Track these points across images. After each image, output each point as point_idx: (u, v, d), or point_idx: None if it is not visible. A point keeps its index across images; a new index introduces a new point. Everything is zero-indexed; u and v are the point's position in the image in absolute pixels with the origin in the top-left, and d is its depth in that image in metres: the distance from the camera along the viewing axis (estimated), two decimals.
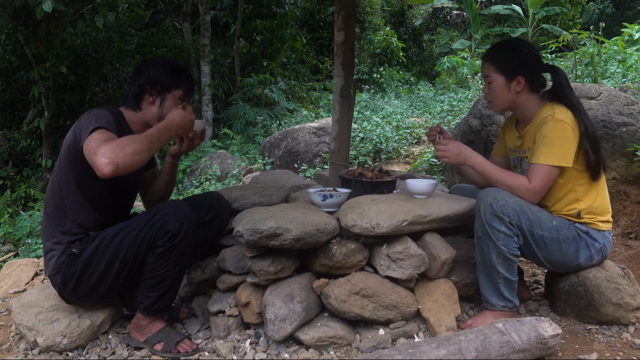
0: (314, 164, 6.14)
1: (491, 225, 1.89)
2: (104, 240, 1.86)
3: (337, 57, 2.77)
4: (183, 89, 2.03)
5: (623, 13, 15.46)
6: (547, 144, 1.89)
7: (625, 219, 3.27)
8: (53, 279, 1.94)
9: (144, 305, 1.94)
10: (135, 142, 1.72)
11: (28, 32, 7.04)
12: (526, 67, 2.02)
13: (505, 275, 1.92)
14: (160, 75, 1.98)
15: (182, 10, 9.74)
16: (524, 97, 2.05)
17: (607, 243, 2.01)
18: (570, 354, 1.81)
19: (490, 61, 2.08)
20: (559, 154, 1.89)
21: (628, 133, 3.43)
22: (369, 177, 2.30)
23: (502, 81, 2.04)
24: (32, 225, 5.09)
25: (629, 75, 5.98)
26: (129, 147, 1.69)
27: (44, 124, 7.46)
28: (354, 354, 1.86)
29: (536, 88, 2.06)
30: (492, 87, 2.08)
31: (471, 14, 11.77)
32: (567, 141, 1.89)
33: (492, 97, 2.10)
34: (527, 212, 1.90)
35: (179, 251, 1.87)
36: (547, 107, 1.99)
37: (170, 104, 2.00)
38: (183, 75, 2.04)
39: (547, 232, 1.92)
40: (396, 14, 16.23)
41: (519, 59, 2.03)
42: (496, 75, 2.05)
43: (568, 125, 1.90)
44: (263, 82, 9.55)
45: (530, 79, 2.03)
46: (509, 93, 2.05)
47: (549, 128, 1.90)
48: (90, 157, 1.71)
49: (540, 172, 1.90)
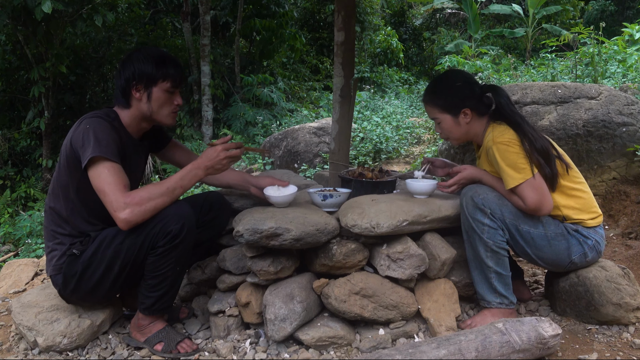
0: (314, 164, 6.14)
1: (474, 219, 1.92)
2: (104, 241, 1.85)
3: (337, 57, 2.77)
4: (171, 80, 1.92)
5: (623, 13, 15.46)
6: (505, 168, 1.90)
7: (625, 219, 3.27)
8: (54, 279, 1.94)
9: (145, 306, 1.93)
10: (156, 197, 1.78)
11: (27, 32, 7.04)
12: (467, 98, 2.04)
13: (496, 270, 1.94)
14: (144, 67, 1.88)
15: (182, 10, 9.75)
16: (475, 124, 2.08)
17: (600, 238, 2.01)
18: (571, 354, 1.81)
19: (432, 104, 2.10)
20: (520, 169, 1.88)
21: (628, 133, 3.42)
22: (369, 177, 2.30)
23: (449, 119, 2.08)
24: (32, 225, 5.08)
25: (629, 75, 5.97)
26: (148, 204, 1.76)
27: (44, 124, 7.46)
28: (354, 354, 1.86)
29: (483, 112, 2.07)
30: (442, 127, 2.11)
31: (471, 14, 11.77)
32: (517, 156, 1.90)
33: (446, 135, 2.13)
34: (510, 205, 1.93)
35: (179, 252, 1.87)
36: (488, 130, 2.03)
37: (157, 96, 1.92)
38: (169, 64, 1.92)
39: (532, 227, 1.93)
40: (396, 14, 16.23)
41: (458, 94, 2.05)
42: (442, 115, 2.08)
43: (508, 144, 1.91)
44: (263, 82, 9.55)
45: (475, 107, 2.05)
46: (459, 127, 2.08)
47: (496, 154, 1.92)
48: (103, 199, 1.77)
49: (523, 192, 1.89)
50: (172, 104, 1.97)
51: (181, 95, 2.04)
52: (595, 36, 6.44)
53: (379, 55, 13.68)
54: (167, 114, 1.98)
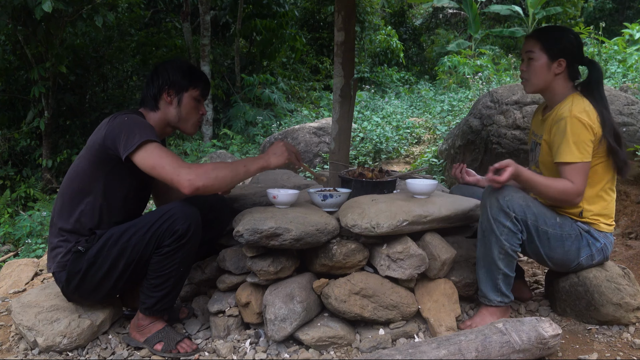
0: (314, 164, 6.14)
1: (497, 220, 1.90)
2: (111, 239, 1.86)
3: (337, 57, 2.77)
4: (200, 89, 2.06)
5: (623, 12, 15.46)
6: (569, 142, 1.89)
7: (625, 219, 3.27)
8: (57, 276, 1.94)
9: (146, 305, 1.94)
10: (221, 169, 1.84)
11: (27, 32, 7.04)
12: (570, 52, 2.02)
13: (504, 271, 1.94)
14: (177, 75, 2.02)
15: (182, 10, 9.74)
16: (560, 81, 2.04)
17: (609, 244, 2.02)
18: (571, 354, 1.81)
19: (537, 39, 2.06)
20: (583, 149, 1.88)
21: (628, 133, 3.42)
22: (369, 177, 2.30)
23: (544, 60, 2.03)
24: (32, 225, 5.08)
25: (629, 75, 5.97)
26: (212, 172, 1.81)
27: (44, 124, 7.46)
28: (354, 354, 1.86)
29: (573, 76, 2.05)
30: (532, 65, 2.06)
31: (471, 14, 11.77)
32: (587, 138, 1.89)
33: (529, 74, 2.07)
34: (532, 207, 1.92)
35: (185, 252, 1.87)
36: (569, 99, 1.99)
37: (187, 102, 2.04)
38: (200, 76, 2.09)
39: (551, 228, 1.93)
40: (396, 14, 16.22)
41: (566, 42, 2.02)
42: (540, 53, 2.04)
43: (583, 123, 1.89)
44: (263, 82, 9.55)
45: (570, 65, 2.02)
46: (547, 73, 2.03)
47: (568, 126, 1.89)
48: (160, 171, 1.79)
49: (575, 170, 1.89)
50: (198, 112, 2.09)
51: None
52: (596, 36, 6.44)
53: (379, 55, 13.67)
54: (193, 122, 2.09)
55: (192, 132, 2.12)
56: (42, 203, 6.01)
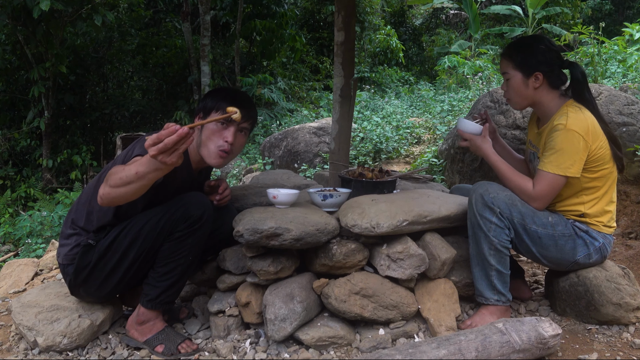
0: (314, 163, 6.14)
1: (482, 216, 1.92)
2: (125, 229, 1.86)
3: (337, 57, 2.77)
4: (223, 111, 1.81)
5: (623, 12, 15.46)
6: (555, 153, 1.89)
7: (625, 219, 3.27)
8: (65, 270, 1.95)
9: (149, 297, 1.93)
10: (118, 172, 1.60)
11: (27, 31, 7.04)
12: (544, 63, 2.01)
13: (497, 268, 1.95)
14: (210, 99, 1.93)
15: (182, 10, 9.74)
16: (543, 93, 2.03)
17: (608, 244, 2.02)
18: (571, 354, 1.81)
19: (508, 58, 2.07)
20: (567, 163, 1.88)
21: (628, 133, 3.42)
22: (369, 177, 2.30)
23: (519, 77, 2.03)
24: (32, 225, 5.08)
25: (629, 75, 5.97)
26: (110, 179, 1.61)
27: (44, 124, 7.47)
28: (354, 354, 1.86)
29: (555, 85, 2.03)
30: (510, 84, 2.07)
31: (471, 14, 11.77)
32: (576, 151, 1.88)
33: (510, 94, 2.09)
34: (519, 205, 1.93)
35: (195, 238, 1.87)
36: (563, 110, 1.97)
37: (209, 125, 1.85)
38: (233, 97, 1.90)
39: (541, 227, 1.94)
40: (396, 14, 16.23)
41: (537, 55, 2.01)
42: (514, 71, 2.04)
43: (580, 136, 1.88)
44: (263, 82, 9.55)
45: (548, 75, 2.01)
46: (526, 90, 2.04)
47: (560, 137, 1.89)
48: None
49: (544, 180, 1.91)
50: (221, 137, 1.87)
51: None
52: (595, 36, 6.44)
53: (379, 55, 13.67)
54: (213, 149, 1.88)
55: (215, 162, 1.89)
56: (42, 203, 6.01)
